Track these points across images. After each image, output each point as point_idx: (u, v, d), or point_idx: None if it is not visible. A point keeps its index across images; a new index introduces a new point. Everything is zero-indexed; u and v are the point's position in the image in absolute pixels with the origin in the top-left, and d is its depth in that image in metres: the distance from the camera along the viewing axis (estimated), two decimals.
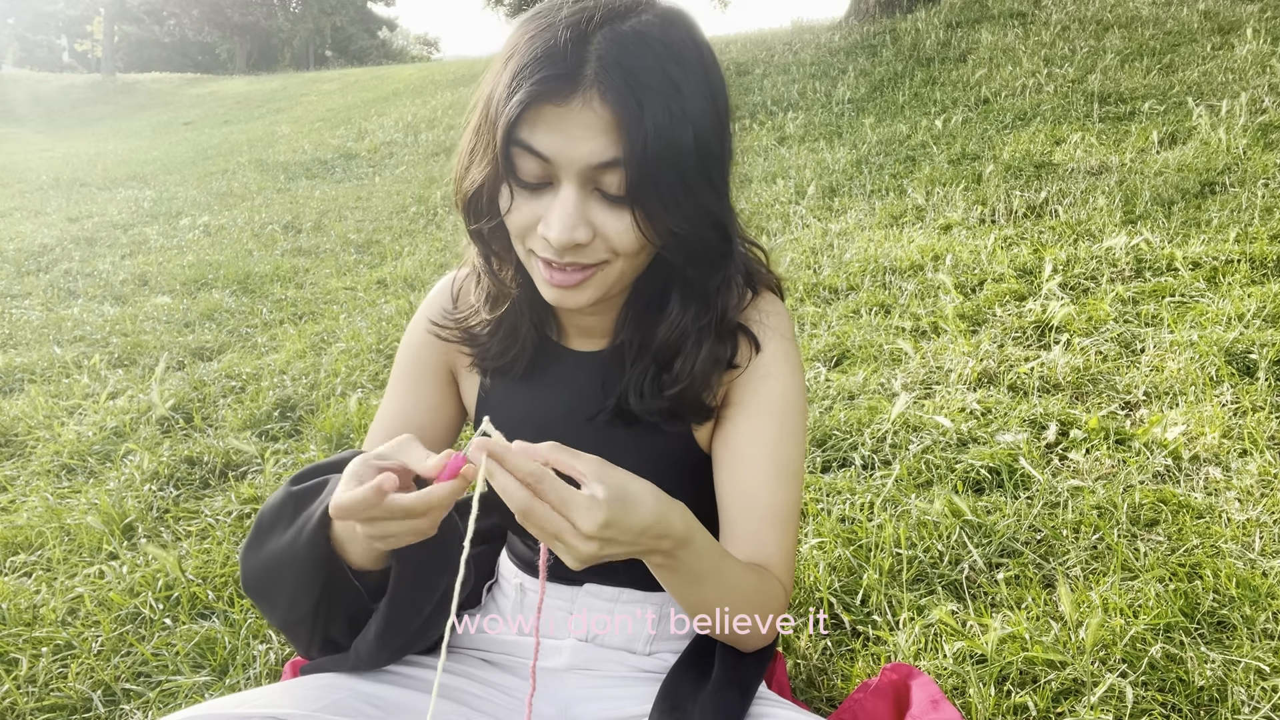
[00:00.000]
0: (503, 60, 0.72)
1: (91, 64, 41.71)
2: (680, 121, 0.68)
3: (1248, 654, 1.24)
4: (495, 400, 0.95)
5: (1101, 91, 4.93)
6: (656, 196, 0.70)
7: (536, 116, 0.68)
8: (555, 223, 0.70)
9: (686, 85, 0.69)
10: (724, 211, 0.78)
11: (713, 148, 0.72)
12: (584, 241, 0.72)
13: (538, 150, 0.69)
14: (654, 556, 0.70)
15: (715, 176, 0.75)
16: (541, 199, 0.72)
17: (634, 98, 0.66)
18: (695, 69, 0.71)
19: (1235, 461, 1.71)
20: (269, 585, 0.80)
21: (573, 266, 0.74)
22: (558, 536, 0.62)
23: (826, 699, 1.28)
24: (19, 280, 4.41)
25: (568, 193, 0.70)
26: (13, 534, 1.83)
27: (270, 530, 0.80)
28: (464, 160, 0.78)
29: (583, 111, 0.67)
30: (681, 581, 0.74)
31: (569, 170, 0.69)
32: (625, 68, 0.67)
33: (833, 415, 2.08)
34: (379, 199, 6.26)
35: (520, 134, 0.69)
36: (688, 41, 0.71)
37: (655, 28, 0.70)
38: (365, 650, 0.83)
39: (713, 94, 0.72)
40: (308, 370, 2.78)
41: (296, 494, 0.80)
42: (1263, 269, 2.52)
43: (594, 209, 0.72)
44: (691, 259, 0.77)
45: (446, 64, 18.33)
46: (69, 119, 17.97)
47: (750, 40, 9.99)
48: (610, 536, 0.63)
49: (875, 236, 3.50)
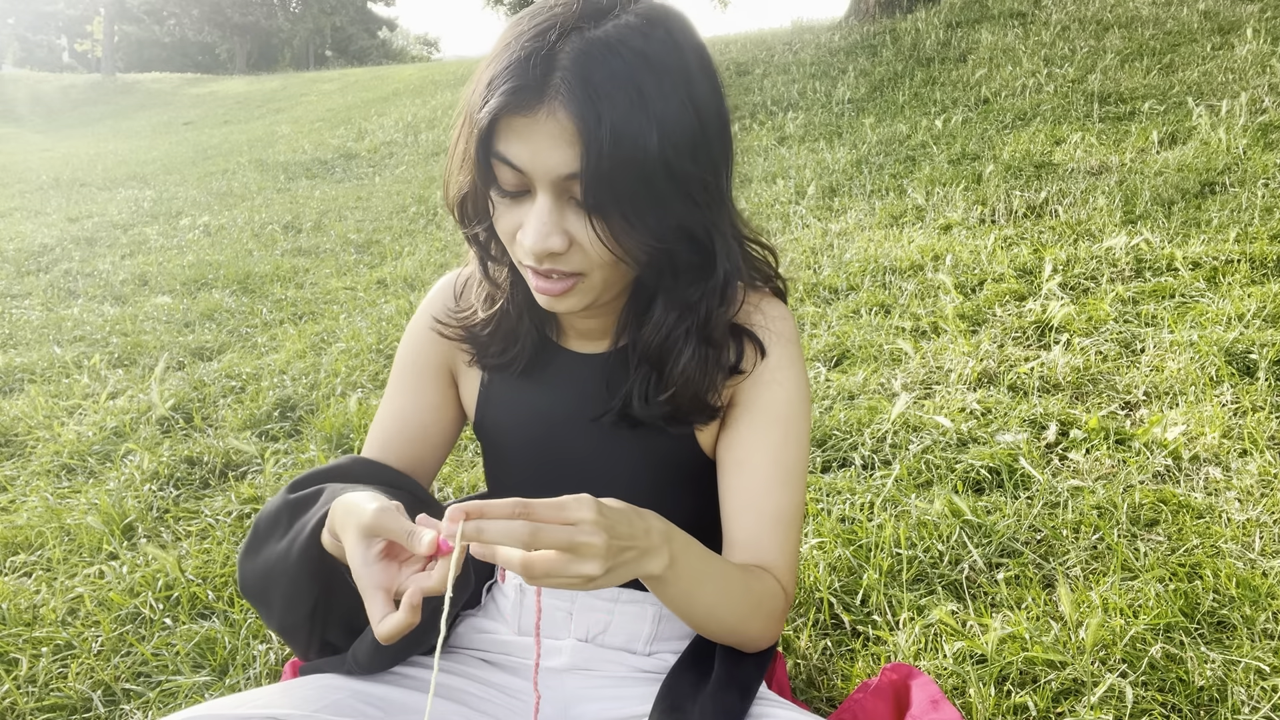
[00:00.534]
0: (484, 66, 0.72)
1: (91, 64, 41.73)
2: (643, 130, 0.66)
3: (1248, 654, 1.24)
4: (496, 395, 0.95)
5: (1101, 91, 4.93)
6: (617, 209, 0.69)
7: (507, 127, 0.68)
8: (530, 231, 0.70)
9: (656, 92, 0.67)
10: (702, 225, 0.75)
11: (687, 155, 0.70)
12: (559, 250, 0.71)
13: (511, 161, 0.69)
14: (658, 557, 0.69)
15: (693, 186, 0.72)
16: (522, 206, 0.72)
17: (593, 108, 0.65)
18: (672, 74, 0.68)
19: (1235, 461, 1.71)
20: (266, 591, 0.80)
21: (556, 274, 0.74)
22: (571, 541, 0.61)
23: (826, 699, 1.28)
24: (19, 280, 4.42)
25: (542, 202, 0.70)
26: (13, 534, 1.83)
27: (267, 537, 0.80)
28: (451, 166, 0.78)
29: (548, 122, 0.67)
30: (681, 590, 0.74)
31: (542, 180, 0.69)
32: (587, 77, 0.65)
33: (833, 415, 2.08)
34: (379, 199, 6.26)
35: (496, 145, 0.69)
36: (667, 45, 0.69)
37: (631, 31, 0.68)
38: (363, 655, 0.83)
39: (693, 100, 0.69)
40: (308, 370, 2.78)
41: (293, 502, 0.80)
42: (1263, 269, 2.52)
43: (569, 218, 0.71)
44: (668, 267, 0.77)
45: (446, 64, 18.34)
46: (69, 119, 17.97)
47: (750, 40, 9.99)
48: (609, 524, 0.63)
49: (875, 236, 3.50)
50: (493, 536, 0.59)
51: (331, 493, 0.79)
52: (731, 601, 0.79)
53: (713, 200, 0.75)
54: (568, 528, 0.61)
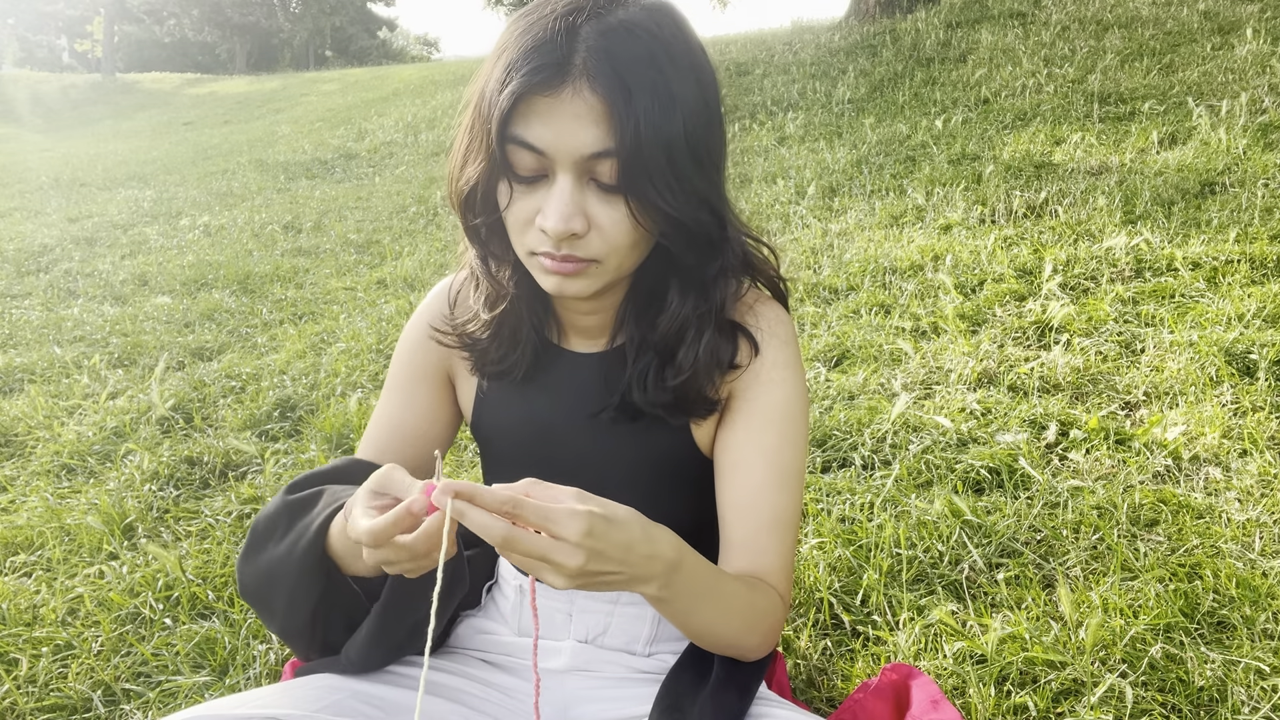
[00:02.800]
0: (494, 57, 0.72)
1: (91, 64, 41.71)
2: (669, 108, 0.69)
3: (1248, 654, 1.24)
4: (494, 402, 0.95)
5: (1101, 91, 4.93)
6: (650, 183, 0.70)
7: (529, 109, 0.69)
8: (552, 213, 0.71)
9: (674, 72, 0.70)
10: (717, 196, 0.78)
11: (702, 133, 0.73)
12: (580, 232, 0.72)
13: (531, 144, 0.69)
14: (647, 585, 0.68)
15: (706, 161, 0.75)
16: (538, 192, 0.72)
17: (623, 85, 0.67)
18: (683, 56, 0.71)
19: (1235, 461, 1.71)
20: (266, 594, 0.80)
21: (569, 259, 0.74)
22: (544, 556, 0.61)
23: (826, 699, 1.28)
24: (19, 280, 4.42)
25: (563, 183, 0.70)
26: (13, 534, 1.83)
27: (266, 540, 0.80)
28: (458, 159, 0.78)
29: (573, 101, 0.68)
30: (679, 609, 0.74)
31: (564, 161, 0.70)
32: (614, 56, 0.67)
33: (833, 415, 2.08)
34: (379, 199, 6.26)
35: (514, 129, 0.70)
36: (675, 31, 0.72)
37: (642, 18, 0.71)
38: (356, 653, 0.83)
39: (701, 82, 0.73)
40: (308, 370, 2.78)
41: (292, 503, 0.80)
42: (1263, 269, 2.52)
43: (590, 199, 0.72)
44: (689, 244, 0.77)
45: (446, 64, 18.34)
46: (69, 119, 17.97)
47: (750, 40, 9.99)
48: (596, 548, 0.61)
49: (875, 236, 3.50)
50: (471, 523, 0.60)
51: (331, 494, 0.79)
52: (732, 618, 0.78)
53: (720, 178, 0.79)
54: (546, 541, 0.61)
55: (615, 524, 0.63)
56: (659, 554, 0.67)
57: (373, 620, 0.81)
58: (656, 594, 0.70)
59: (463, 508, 0.60)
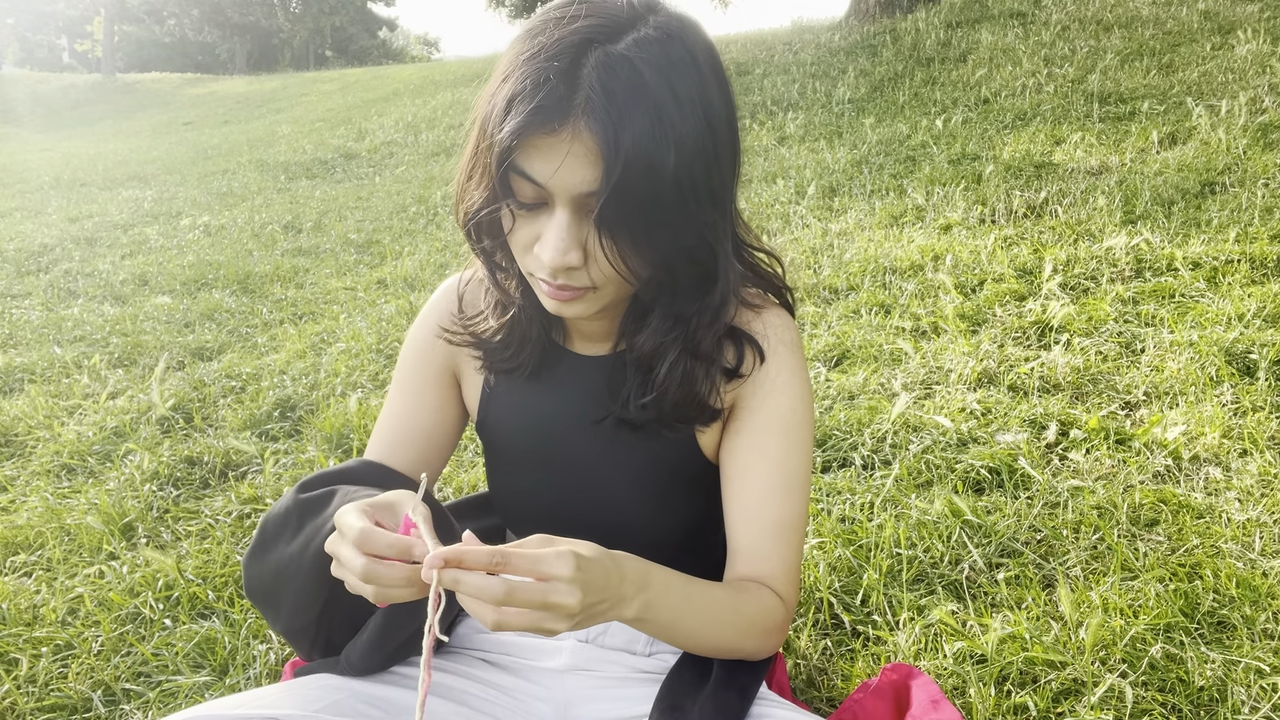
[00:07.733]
0: (499, 79, 0.72)
1: (91, 64, 41.71)
2: (661, 151, 0.67)
3: (1248, 654, 1.24)
4: (500, 399, 0.95)
5: (1101, 91, 4.93)
6: (627, 229, 0.70)
7: (530, 145, 0.68)
8: (549, 246, 0.71)
9: (675, 110, 0.67)
10: (706, 245, 0.76)
11: (700, 172, 0.71)
12: (576, 265, 0.72)
13: (532, 177, 0.69)
14: (627, 608, 0.70)
15: (705, 199, 0.73)
16: (539, 218, 0.73)
17: (615, 129, 0.66)
18: (690, 90, 0.69)
19: (1235, 461, 1.71)
20: (273, 593, 0.80)
21: (566, 288, 0.74)
22: (543, 601, 0.61)
23: (826, 699, 1.28)
24: (19, 280, 4.41)
25: (561, 217, 0.70)
26: (13, 534, 1.83)
27: (276, 538, 0.80)
28: (463, 179, 0.78)
29: (572, 141, 0.67)
30: (662, 626, 0.75)
31: (562, 196, 0.70)
32: (613, 95, 0.66)
33: (833, 415, 2.08)
34: (379, 199, 6.26)
35: (516, 161, 0.69)
36: (685, 60, 0.69)
37: (651, 47, 0.68)
38: (356, 656, 0.84)
39: (708, 116, 0.70)
40: (308, 370, 2.78)
41: (303, 502, 0.80)
42: (1263, 269, 2.52)
43: (589, 231, 0.72)
44: (667, 288, 0.78)
45: (446, 64, 18.34)
46: (69, 119, 17.96)
47: (750, 40, 9.99)
48: (586, 580, 0.63)
49: (875, 236, 3.50)
50: (468, 590, 0.60)
51: (344, 495, 0.79)
52: (718, 628, 0.79)
53: (719, 215, 0.76)
54: (542, 585, 0.61)
55: (589, 557, 0.65)
56: (628, 576, 0.70)
57: (375, 626, 0.81)
58: (636, 615, 0.71)
59: (456, 575, 0.60)
